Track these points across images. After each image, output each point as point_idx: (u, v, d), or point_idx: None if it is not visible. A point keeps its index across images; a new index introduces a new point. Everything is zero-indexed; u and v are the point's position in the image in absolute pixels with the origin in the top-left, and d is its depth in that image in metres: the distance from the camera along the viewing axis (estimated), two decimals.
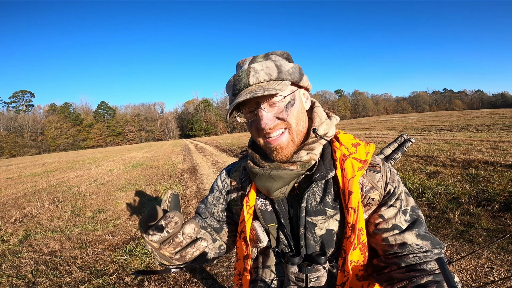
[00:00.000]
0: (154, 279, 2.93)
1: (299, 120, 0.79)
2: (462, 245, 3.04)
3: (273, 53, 0.80)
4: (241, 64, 0.80)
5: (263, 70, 0.74)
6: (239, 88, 0.75)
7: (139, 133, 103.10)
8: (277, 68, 0.75)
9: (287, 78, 0.76)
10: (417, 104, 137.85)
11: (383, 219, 0.80)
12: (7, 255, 3.77)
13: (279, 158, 0.78)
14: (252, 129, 0.80)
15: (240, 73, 0.76)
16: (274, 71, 0.74)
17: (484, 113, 39.20)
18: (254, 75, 0.74)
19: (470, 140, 10.26)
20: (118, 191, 7.52)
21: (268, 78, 0.74)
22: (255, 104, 0.75)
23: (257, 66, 0.75)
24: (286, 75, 0.76)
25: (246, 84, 0.74)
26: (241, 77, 0.75)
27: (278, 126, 0.76)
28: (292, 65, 0.79)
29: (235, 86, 0.76)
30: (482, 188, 4.36)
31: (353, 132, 22.33)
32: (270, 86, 0.72)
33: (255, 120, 0.77)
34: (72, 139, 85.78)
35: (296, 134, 0.78)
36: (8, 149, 70.79)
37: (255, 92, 0.70)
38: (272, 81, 0.74)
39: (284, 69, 0.76)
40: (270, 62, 0.76)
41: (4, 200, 7.58)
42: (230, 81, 0.78)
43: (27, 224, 5.15)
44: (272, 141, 0.77)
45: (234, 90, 0.77)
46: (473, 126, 17.33)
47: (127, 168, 12.83)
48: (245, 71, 0.75)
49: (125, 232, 4.42)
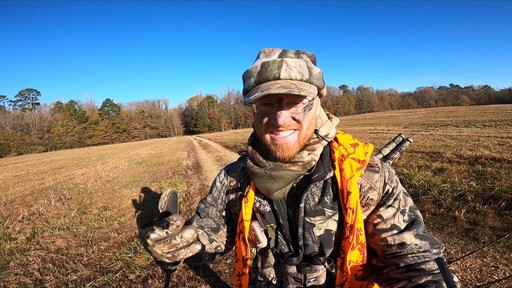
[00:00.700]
0: (158, 277, 2.95)
1: (310, 125, 0.78)
2: (468, 243, 3.01)
3: (304, 52, 0.78)
4: (267, 53, 0.77)
5: (296, 68, 0.72)
6: (266, 78, 0.72)
7: (144, 130, 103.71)
8: (309, 70, 0.74)
9: (315, 82, 0.75)
10: (423, 99, 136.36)
11: (382, 219, 0.80)
12: (15, 253, 3.83)
13: (282, 157, 0.77)
14: (261, 123, 0.77)
15: (270, 62, 0.72)
16: (306, 72, 0.73)
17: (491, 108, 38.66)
18: (287, 70, 0.71)
19: (477, 136, 10.13)
20: (123, 188, 7.59)
21: (300, 77, 0.72)
22: (277, 99, 0.73)
23: (290, 61, 0.72)
24: (315, 79, 0.75)
25: (275, 76, 0.71)
26: (271, 67, 0.71)
27: (290, 126, 0.75)
28: (319, 70, 0.78)
29: (261, 74, 0.73)
30: (488, 185, 4.31)
31: (357, 128, 22.22)
32: (303, 86, 0.70)
33: (269, 114, 0.75)
34: (78, 136, 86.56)
35: (303, 137, 0.78)
36: (16, 147, 71.72)
37: (290, 89, 0.67)
38: (303, 82, 0.73)
39: (314, 72, 0.75)
40: (303, 61, 0.74)
41: (12, 198, 7.69)
42: (255, 67, 0.74)
43: (34, 222, 5.22)
44: (279, 138, 0.75)
45: (259, 78, 0.73)
46: (480, 122, 17.11)
47: (132, 165, 12.93)
48: (276, 63, 0.71)
49: (130, 229, 4.46)
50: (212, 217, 0.99)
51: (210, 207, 0.99)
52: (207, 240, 0.91)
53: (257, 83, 0.74)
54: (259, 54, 0.79)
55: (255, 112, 0.79)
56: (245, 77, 0.78)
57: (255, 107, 0.78)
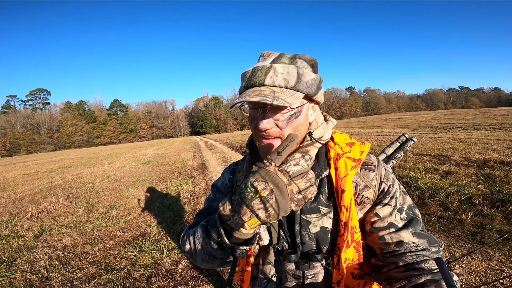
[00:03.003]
0: (162, 275, 2.98)
1: (296, 131, 0.78)
2: (474, 246, 2.96)
3: (300, 57, 0.78)
4: (265, 56, 0.78)
5: (283, 75, 0.72)
6: (252, 83, 0.74)
7: (151, 130, 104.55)
8: (297, 77, 0.74)
9: (302, 90, 0.75)
10: (431, 101, 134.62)
11: (379, 218, 0.81)
12: (22, 251, 3.90)
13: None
14: (251, 124, 0.80)
15: (260, 68, 0.74)
16: (292, 79, 0.73)
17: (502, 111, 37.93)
18: (272, 76, 0.72)
19: (487, 139, 9.96)
20: (129, 188, 7.67)
21: (284, 84, 0.72)
22: (262, 104, 0.74)
23: (279, 67, 0.73)
24: (303, 86, 0.75)
25: (261, 82, 0.73)
26: (259, 73, 0.73)
27: (271, 133, 0.76)
28: (314, 77, 0.77)
29: (250, 79, 0.75)
30: (497, 188, 4.24)
31: (364, 130, 22.06)
32: (282, 95, 0.71)
33: (256, 118, 0.78)
34: (86, 136, 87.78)
35: None
36: (26, 146, 73.12)
37: (265, 97, 0.69)
38: (286, 89, 0.73)
39: (304, 79, 0.75)
40: (294, 67, 0.74)
41: (21, 196, 7.83)
42: (248, 71, 0.77)
43: (42, 220, 5.31)
44: (266, 141, 0.77)
45: (247, 83, 0.75)
46: (490, 125, 16.82)
47: (139, 164, 13.06)
48: (265, 69, 0.73)
49: (135, 228, 4.51)
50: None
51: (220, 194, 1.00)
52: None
53: (245, 88, 0.77)
54: (259, 57, 0.81)
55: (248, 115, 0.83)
56: (241, 79, 0.81)
57: (247, 110, 0.82)
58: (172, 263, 3.23)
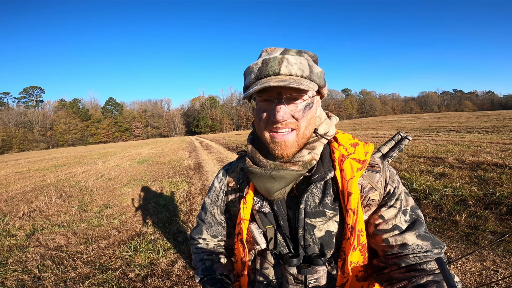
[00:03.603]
0: (158, 276, 2.95)
1: (309, 124, 0.77)
2: (468, 247, 2.99)
3: (305, 52, 0.79)
4: (269, 51, 0.77)
5: (297, 65, 0.72)
6: (266, 73, 0.72)
7: (146, 129, 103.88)
8: (309, 68, 0.74)
9: (315, 80, 0.75)
10: (425, 104, 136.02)
11: (383, 220, 0.79)
12: (14, 250, 3.84)
13: (281, 155, 0.76)
14: (261, 119, 0.76)
15: (271, 59, 0.72)
16: (306, 69, 0.73)
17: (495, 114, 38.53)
18: (287, 66, 0.71)
19: (480, 142, 10.08)
20: (124, 187, 7.60)
21: (300, 73, 0.72)
22: (276, 94, 0.72)
23: (291, 58, 0.72)
24: (316, 77, 0.75)
25: (276, 71, 0.71)
26: (272, 64, 0.71)
27: (289, 124, 0.74)
28: (320, 70, 0.78)
29: (262, 70, 0.72)
30: (490, 190, 4.29)
31: (359, 132, 22.18)
32: (302, 82, 0.70)
33: (268, 110, 0.74)
34: (80, 134, 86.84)
35: (302, 136, 0.76)
36: (18, 144, 72.05)
37: (289, 82, 0.67)
38: (303, 79, 0.72)
39: (315, 70, 0.75)
40: (304, 59, 0.74)
41: (13, 194, 7.71)
42: (256, 63, 0.74)
43: (34, 219, 5.23)
44: (278, 136, 0.74)
45: (259, 74, 0.73)
46: (483, 128, 17.04)
47: (134, 163, 12.95)
48: (277, 59, 0.71)
49: (130, 227, 4.46)
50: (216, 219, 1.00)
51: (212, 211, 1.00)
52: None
53: (257, 79, 0.74)
54: (261, 53, 0.79)
55: (254, 108, 0.79)
56: (246, 73, 0.78)
57: (255, 103, 0.78)
58: (168, 263, 3.20)
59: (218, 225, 0.99)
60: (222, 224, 1.00)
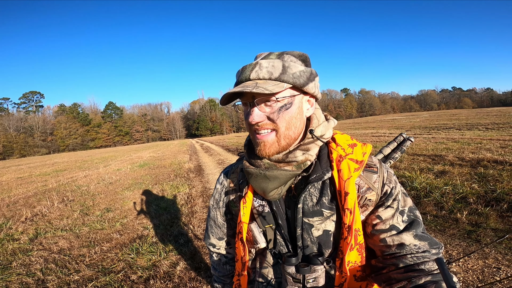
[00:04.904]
0: (160, 277, 2.96)
1: (291, 125, 0.77)
2: (469, 245, 3.00)
3: (288, 53, 0.78)
4: (257, 57, 0.81)
5: (267, 68, 0.73)
6: (240, 80, 0.76)
7: (146, 133, 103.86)
8: (282, 69, 0.73)
9: (288, 80, 0.74)
10: (425, 102, 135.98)
11: (381, 220, 0.80)
12: (17, 254, 3.85)
13: (261, 155, 0.78)
14: (246, 122, 0.80)
15: (247, 66, 0.76)
16: (277, 71, 0.73)
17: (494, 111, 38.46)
18: (257, 71, 0.73)
19: (480, 139, 10.08)
20: (125, 190, 7.62)
21: (267, 76, 0.73)
22: (251, 98, 0.75)
23: (264, 62, 0.74)
24: (289, 77, 0.74)
25: (247, 77, 0.74)
26: (246, 70, 0.75)
27: (265, 126, 0.76)
28: (303, 69, 0.76)
29: (239, 76, 0.77)
30: (491, 187, 4.30)
31: (359, 131, 22.18)
32: (264, 85, 0.71)
33: (247, 113, 0.78)
34: (81, 139, 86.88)
35: (284, 137, 0.77)
36: (19, 149, 72.06)
37: (246, 87, 0.71)
38: (270, 81, 0.73)
39: (290, 71, 0.74)
40: (279, 61, 0.74)
41: (15, 199, 7.73)
42: (239, 71, 0.79)
43: (37, 223, 5.25)
44: (259, 136, 0.77)
45: (238, 80, 0.78)
46: (483, 125, 17.03)
47: (134, 167, 12.97)
48: (251, 65, 0.75)
49: (132, 230, 4.48)
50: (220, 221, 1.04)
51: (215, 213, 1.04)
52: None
53: (236, 84, 0.79)
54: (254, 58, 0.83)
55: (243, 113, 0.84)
56: None
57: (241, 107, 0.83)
58: (170, 265, 3.22)
59: (222, 227, 1.03)
60: (224, 225, 1.03)
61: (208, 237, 1.06)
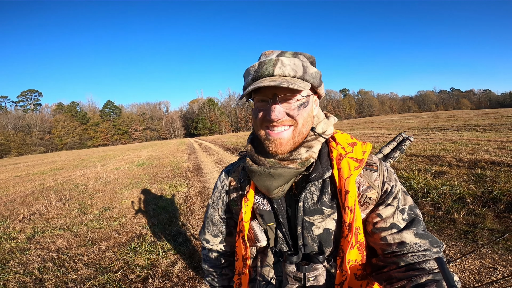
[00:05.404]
0: (158, 277, 2.96)
1: (306, 122, 0.79)
2: (466, 245, 3.02)
3: (301, 54, 0.80)
4: (267, 54, 0.80)
5: (290, 66, 0.74)
6: (261, 75, 0.75)
7: (145, 132, 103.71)
8: (303, 68, 0.75)
9: (309, 80, 0.76)
10: (423, 103, 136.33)
11: (381, 218, 0.80)
12: (15, 252, 3.84)
13: (275, 152, 0.78)
14: (257, 118, 0.80)
15: (266, 61, 0.75)
16: (300, 70, 0.75)
17: (492, 112, 38.61)
18: (281, 67, 0.74)
19: (477, 140, 10.13)
20: (123, 189, 7.60)
21: (293, 74, 0.74)
22: (271, 95, 0.75)
23: (285, 60, 0.74)
24: (310, 77, 0.76)
25: (270, 73, 0.74)
26: (267, 65, 0.74)
27: (285, 122, 0.77)
28: (316, 70, 0.79)
29: (257, 71, 0.76)
30: (488, 188, 4.32)
31: (358, 132, 22.22)
32: (294, 82, 0.72)
33: (264, 110, 0.78)
34: (79, 137, 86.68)
35: (298, 134, 0.78)
36: (16, 148, 71.77)
37: (280, 82, 0.70)
38: (296, 79, 0.75)
39: (309, 71, 0.77)
40: (298, 60, 0.76)
41: (12, 198, 7.70)
42: (253, 66, 0.77)
43: (34, 222, 5.23)
44: (273, 133, 0.77)
45: (255, 75, 0.76)
46: (481, 126, 17.09)
47: (133, 166, 12.94)
48: (272, 61, 0.74)
49: (130, 229, 4.47)
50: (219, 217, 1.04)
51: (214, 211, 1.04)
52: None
53: (253, 80, 0.77)
54: (260, 56, 0.82)
55: (252, 108, 0.82)
56: (245, 75, 0.81)
57: (253, 104, 0.81)
58: (169, 264, 3.22)
59: (218, 225, 1.03)
60: (222, 223, 1.03)
61: (204, 233, 1.07)
